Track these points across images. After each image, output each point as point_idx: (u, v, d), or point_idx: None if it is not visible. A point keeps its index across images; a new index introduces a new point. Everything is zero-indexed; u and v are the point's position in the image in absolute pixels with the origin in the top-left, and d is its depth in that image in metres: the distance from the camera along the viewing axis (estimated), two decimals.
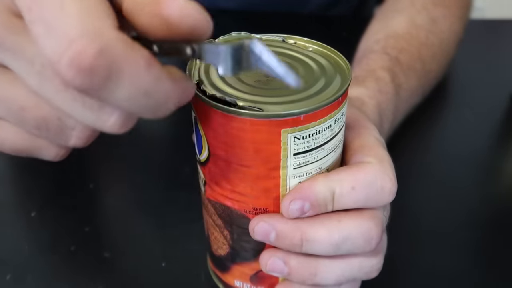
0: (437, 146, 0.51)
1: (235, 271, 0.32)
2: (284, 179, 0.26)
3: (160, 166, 0.47)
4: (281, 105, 0.24)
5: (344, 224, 0.27)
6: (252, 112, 0.24)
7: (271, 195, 0.27)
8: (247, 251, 0.30)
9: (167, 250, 0.38)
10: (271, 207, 0.27)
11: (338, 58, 0.28)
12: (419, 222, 0.42)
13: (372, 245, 0.28)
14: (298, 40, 0.30)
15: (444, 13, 0.54)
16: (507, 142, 0.52)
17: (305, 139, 0.25)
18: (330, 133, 0.26)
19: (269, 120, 0.24)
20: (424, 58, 0.50)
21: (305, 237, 0.27)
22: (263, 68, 0.18)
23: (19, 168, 0.47)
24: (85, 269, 0.37)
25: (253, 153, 0.25)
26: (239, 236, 0.29)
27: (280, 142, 0.25)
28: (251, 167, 0.26)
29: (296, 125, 0.24)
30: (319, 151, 0.26)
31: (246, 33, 0.30)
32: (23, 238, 0.39)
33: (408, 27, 0.51)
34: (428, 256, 0.38)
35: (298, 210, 0.26)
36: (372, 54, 0.48)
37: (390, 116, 0.43)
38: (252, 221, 0.28)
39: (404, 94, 0.46)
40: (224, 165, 0.27)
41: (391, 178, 0.28)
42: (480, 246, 0.40)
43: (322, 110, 0.24)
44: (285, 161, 0.25)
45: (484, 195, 0.45)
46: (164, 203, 0.43)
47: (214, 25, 0.20)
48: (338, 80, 0.26)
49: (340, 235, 0.27)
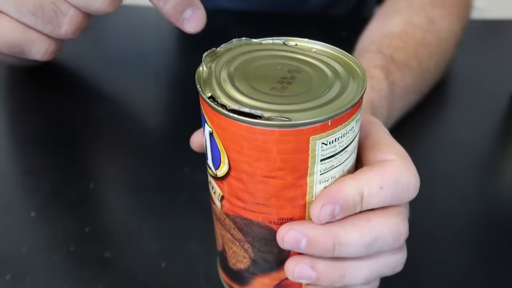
0: (437, 146, 0.51)
1: (256, 283, 0.31)
2: (311, 186, 0.26)
3: (160, 166, 0.47)
4: (306, 112, 0.24)
5: (373, 223, 0.27)
6: (280, 123, 0.23)
7: (297, 203, 0.26)
8: (269, 261, 0.29)
9: (167, 250, 0.38)
10: (297, 215, 0.27)
11: (346, 58, 0.28)
12: (418, 222, 0.42)
13: (401, 241, 0.28)
14: (299, 41, 0.30)
15: (442, 13, 0.54)
16: (507, 142, 0.52)
17: (331, 144, 0.25)
18: (352, 135, 0.26)
19: (299, 129, 0.23)
20: (421, 57, 0.50)
21: (337, 241, 0.26)
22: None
23: (19, 168, 0.47)
24: (85, 269, 0.37)
25: (281, 163, 0.25)
26: (261, 248, 0.29)
27: (308, 150, 0.24)
28: (277, 177, 0.25)
29: (324, 130, 0.24)
30: (343, 154, 0.26)
31: (246, 39, 0.29)
32: (23, 238, 0.39)
33: (405, 27, 0.51)
34: (428, 256, 0.38)
35: (329, 214, 0.26)
36: (367, 53, 0.48)
37: (384, 113, 0.43)
38: (281, 231, 0.27)
39: (399, 91, 0.46)
40: (248, 178, 0.26)
41: (415, 174, 0.28)
42: (480, 246, 0.40)
43: (347, 113, 0.24)
44: (313, 168, 0.25)
45: (484, 195, 0.45)
46: (164, 203, 0.43)
47: (215, 25, 0.20)
48: (353, 81, 0.26)
49: (372, 235, 0.27)
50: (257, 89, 0.26)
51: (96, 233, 0.40)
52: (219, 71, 0.27)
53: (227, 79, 0.26)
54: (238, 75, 0.27)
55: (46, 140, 0.49)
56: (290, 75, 0.27)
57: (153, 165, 0.47)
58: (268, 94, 0.25)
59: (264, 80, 0.26)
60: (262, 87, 0.26)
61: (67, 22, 0.24)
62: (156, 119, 0.55)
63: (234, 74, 0.27)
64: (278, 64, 0.28)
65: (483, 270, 0.38)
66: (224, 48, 0.29)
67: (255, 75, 0.27)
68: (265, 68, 0.27)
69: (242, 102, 0.25)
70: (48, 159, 0.48)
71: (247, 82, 0.26)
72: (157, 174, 0.46)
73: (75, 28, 0.25)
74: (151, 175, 0.46)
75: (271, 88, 0.26)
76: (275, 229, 0.27)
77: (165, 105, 0.57)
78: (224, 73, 0.27)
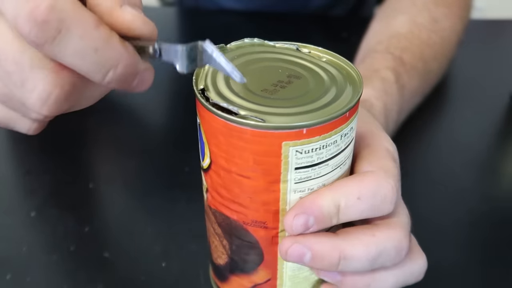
0: (437, 146, 0.51)
1: (233, 282, 0.31)
2: (285, 193, 0.25)
3: (160, 166, 0.47)
4: (285, 117, 0.23)
5: (378, 238, 0.26)
6: (253, 123, 0.23)
7: (270, 208, 0.26)
8: (246, 263, 0.29)
9: (167, 250, 0.38)
10: (270, 222, 0.27)
11: (351, 70, 0.27)
12: (418, 221, 0.42)
13: (402, 256, 0.27)
14: (313, 49, 0.29)
15: (445, 12, 0.54)
16: (507, 142, 0.52)
17: (307, 153, 0.24)
18: (335, 149, 0.25)
19: (270, 132, 0.23)
20: (426, 58, 0.50)
21: (343, 255, 0.26)
22: (213, 65, 0.21)
23: (19, 168, 0.47)
24: (85, 269, 0.37)
25: (253, 164, 0.24)
26: (238, 248, 0.29)
27: (281, 155, 0.24)
28: (251, 178, 0.25)
29: (298, 138, 0.23)
30: (323, 167, 0.25)
31: (259, 40, 0.29)
32: (23, 238, 0.39)
33: (410, 27, 0.51)
34: (428, 256, 0.38)
35: (302, 225, 0.25)
36: (376, 53, 0.48)
37: (395, 116, 0.43)
38: (284, 243, 0.26)
39: (407, 94, 0.46)
40: (224, 174, 0.26)
41: (393, 186, 0.27)
42: (480, 245, 0.40)
43: (327, 125, 0.23)
44: (286, 175, 0.25)
45: (484, 195, 0.45)
46: (164, 203, 0.43)
47: (216, 25, 0.21)
48: (349, 94, 0.25)
49: (377, 249, 0.26)
50: (249, 88, 0.26)
51: (96, 233, 0.40)
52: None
53: (222, 75, 0.26)
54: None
55: (46, 140, 0.49)
56: (288, 79, 0.26)
57: (153, 165, 0.47)
58: (257, 94, 0.25)
59: (259, 81, 0.26)
60: (255, 87, 0.26)
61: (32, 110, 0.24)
62: (157, 119, 0.55)
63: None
64: (280, 67, 0.28)
65: (483, 270, 0.38)
66: (235, 46, 0.29)
67: (253, 75, 0.27)
68: (265, 70, 0.27)
69: (227, 98, 0.25)
70: (48, 159, 0.48)
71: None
72: (157, 174, 0.46)
73: (45, 116, 0.24)
74: (151, 175, 0.46)
75: (262, 89, 0.26)
76: (249, 230, 0.27)
77: (166, 105, 0.57)
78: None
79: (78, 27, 0.20)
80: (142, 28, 0.22)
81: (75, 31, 0.20)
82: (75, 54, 0.21)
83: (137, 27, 0.22)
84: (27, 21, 0.20)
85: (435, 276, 0.37)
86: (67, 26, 0.20)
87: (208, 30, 0.69)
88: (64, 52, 0.20)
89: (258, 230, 0.27)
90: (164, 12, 0.83)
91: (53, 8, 0.20)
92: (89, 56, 0.21)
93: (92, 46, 0.21)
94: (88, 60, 0.21)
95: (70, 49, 0.20)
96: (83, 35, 0.20)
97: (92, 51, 0.21)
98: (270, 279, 0.29)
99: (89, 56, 0.21)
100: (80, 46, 0.20)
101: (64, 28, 0.20)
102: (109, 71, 0.21)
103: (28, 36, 0.20)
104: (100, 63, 0.21)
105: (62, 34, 0.20)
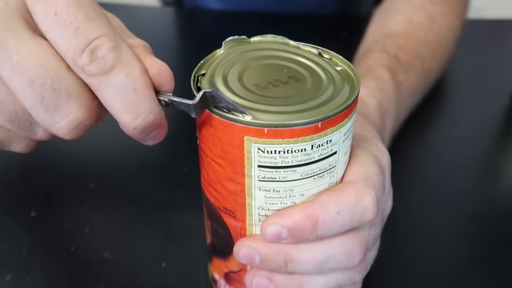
0: (437, 146, 0.51)
1: (215, 264, 0.32)
2: (249, 188, 0.26)
3: (160, 166, 0.47)
4: (261, 113, 0.24)
5: (327, 244, 0.27)
6: (220, 112, 0.24)
7: (237, 200, 0.27)
8: (222, 248, 0.30)
9: (167, 250, 0.38)
10: (239, 213, 0.27)
11: (354, 77, 0.27)
12: (419, 222, 0.42)
13: (355, 262, 0.27)
14: (334, 56, 0.28)
15: (442, 10, 0.54)
16: (507, 142, 0.52)
17: (270, 153, 0.24)
18: (304, 157, 0.24)
19: (232, 123, 0.24)
20: (424, 57, 0.50)
21: (288, 258, 0.27)
22: (220, 105, 0.24)
23: (19, 168, 0.47)
24: (85, 269, 0.37)
25: (221, 152, 0.25)
26: (215, 231, 0.30)
27: (243, 149, 0.24)
28: (220, 165, 0.26)
29: (260, 136, 0.23)
30: (289, 172, 0.25)
31: (282, 38, 0.29)
32: (23, 238, 0.39)
33: (406, 26, 0.51)
34: (428, 256, 0.38)
35: (275, 235, 0.26)
36: (371, 53, 0.48)
37: (393, 114, 0.43)
38: (236, 245, 0.28)
39: (405, 91, 0.46)
40: (204, 156, 0.27)
41: (373, 196, 0.27)
42: (480, 246, 0.40)
43: (290, 130, 0.23)
44: (250, 170, 0.25)
45: (484, 195, 0.45)
46: (164, 203, 0.43)
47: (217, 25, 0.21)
48: (333, 104, 0.25)
49: (324, 255, 0.27)
50: (242, 82, 0.26)
51: (96, 233, 0.40)
52: (230, 56, 0.28)
53: (224, 65, 0.27)
54: (239, 66, 0.27)
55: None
56: (286, 80, 0.26)
57: (153, 165, 0.47)
58: (245, 89, 0.26)
59: (256, 77, 0.26)
60: (248, 82, 0.26)
61: (42, 130, 0.25)
62: None
63: (237, 63, 0.27)
64: (287, 68, 0.27)
65: (482, 270, 0.38)
66: (258, 40, 0.29)
67: (255, 70, 0.27)
68: (270, 67, 0.27)
69: (215, 86, 0.25)
70: (48, 159, 0.47)
71: (241, 74, 0.27)
72: (157, 174, 0.46)
73: (50, 135, 0.25)
74: (151, 175, 0.46)
75: (253, 84, 0.26)
76: (222, 217, 0.28)
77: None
78: (231, 60, 0.27)
79: (129, 69, 0.22)
80: (168, 81, 0.24)
81: (125, 70, 0.22)
82: (117, 91, 0.22)
83: (164, 79, 0.24)
84: (88, 54, 0.22)
85: (435, 276, 0.37)
86: (120, 66, 0.22)
87: (208, 30, 0.69)
88: (109, 87, 0.22)
89: (229, 219, 0.28)
90: (164, 12, 0.83)
91: (114, 49, 0.22)
92: (129, 95, 0.23)
93: (134, 87, 0.23)
94: (127, 98, 0.23)
95: (116, 82, 0.22)
96: (130, 75, 0.22)
97: (132, 91, 0.23)
98: (242, 270, 0.30)
99: (129, 95, 0.23)
100: (125, 85, 0.22)
101: (117, 67, 0.22)
102: (141, 115, 0.23)
103: (83, 66, 0.22)
104: (136, 105, 0.23)
105: (113, 72, 0.22)
